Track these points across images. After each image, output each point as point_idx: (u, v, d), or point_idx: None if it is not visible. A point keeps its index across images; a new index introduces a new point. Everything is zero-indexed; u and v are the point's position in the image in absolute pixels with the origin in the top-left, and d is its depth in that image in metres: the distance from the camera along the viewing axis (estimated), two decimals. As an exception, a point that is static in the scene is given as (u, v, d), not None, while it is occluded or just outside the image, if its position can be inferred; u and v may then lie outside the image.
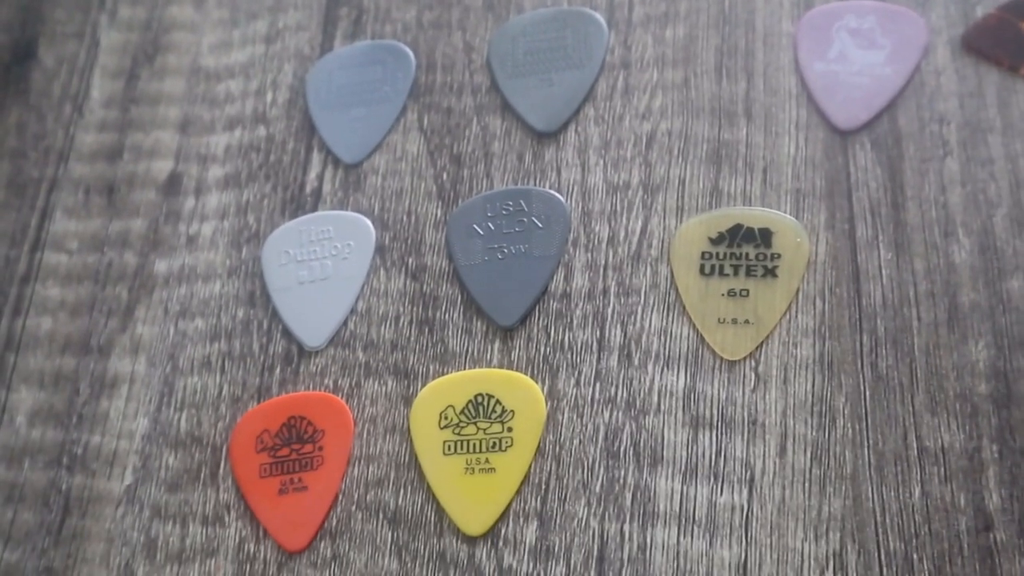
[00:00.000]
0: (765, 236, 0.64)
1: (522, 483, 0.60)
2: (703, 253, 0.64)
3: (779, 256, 0.63)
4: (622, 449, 0.61)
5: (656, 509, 0.59)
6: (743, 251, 0.63)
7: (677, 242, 0.65)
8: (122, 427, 0.67)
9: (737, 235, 0.64)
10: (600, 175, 0.68)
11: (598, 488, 0.60)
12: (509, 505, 0.60)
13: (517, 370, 0.63)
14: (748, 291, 0.62)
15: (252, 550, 0.62)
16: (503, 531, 0.60)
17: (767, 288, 0.63)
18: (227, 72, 0.77)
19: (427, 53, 0.74)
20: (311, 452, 0.63)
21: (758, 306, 0.62)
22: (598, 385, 0.62)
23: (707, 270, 0.63)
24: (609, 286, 0.65)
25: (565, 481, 0.60)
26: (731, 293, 0.63)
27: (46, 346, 0.70)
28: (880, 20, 0.69)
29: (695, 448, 0.60)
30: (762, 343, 0.62)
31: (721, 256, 0.63)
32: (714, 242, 0.64)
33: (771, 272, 0.63)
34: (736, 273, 0.63)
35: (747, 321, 0.62)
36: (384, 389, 0.65)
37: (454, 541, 0.60)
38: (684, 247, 0.64)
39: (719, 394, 0.61)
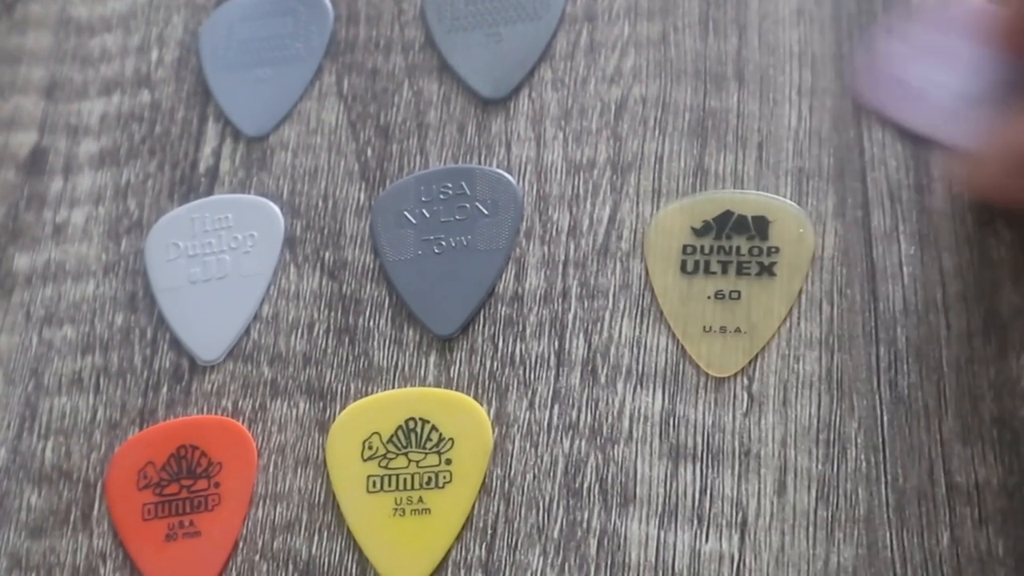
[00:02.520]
0: (760, 226, 0.63)
1: (463, 527, 0.60)
2: (685, 247, 0.63)
3: (777, 250, 0.62)
4: (586, 485, 0.60)
5: (627, 559, 0.58)
6: (734, 244, 0.63)
7: (653, 233, 0.64)
8: (-28, 459, 0.67)
9: (726, 224, 0.63)
10: (559, 151, 0.67)
11: (556, 533, 0.59)
12: (447, 554, 0.60)
13: (457, 389, 0.63)
14: (740, 293, 0.62)
15: (133, 609, 0.62)
16: (440, 586, 0.60)
17: (763, 289, 0.62)
18: (103, 24, 0.76)
19: (348, 1, 0.74)
20: (205, 489, 0.62)
21: (752, 311, 0.62)
22: (556, 407, 0.62)
23: (690, 267, 0.63)
24: (570, 286, 0.64)
25: (516, 525, 0.60)
26: (719, 295, 0.62)
27: None
28: (900, -41, 0.68)
29: (675, 485, 0.59)
30: (756, 357, 0.61)
31: (707, 250, 0.63)
32: (698, 233, 0.63)
33: (768, 270, 0.62)
34: (725, 271, 0.62)
35: (738, 330, 0.61)
36: (295, 412, 0.64)
37: (380, 599, 0.60)
38: (661, 239, 0.64)
39: (704, 419, 0.61)
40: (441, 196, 0.66)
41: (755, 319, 0.61)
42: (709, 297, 0.62)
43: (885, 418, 0.59)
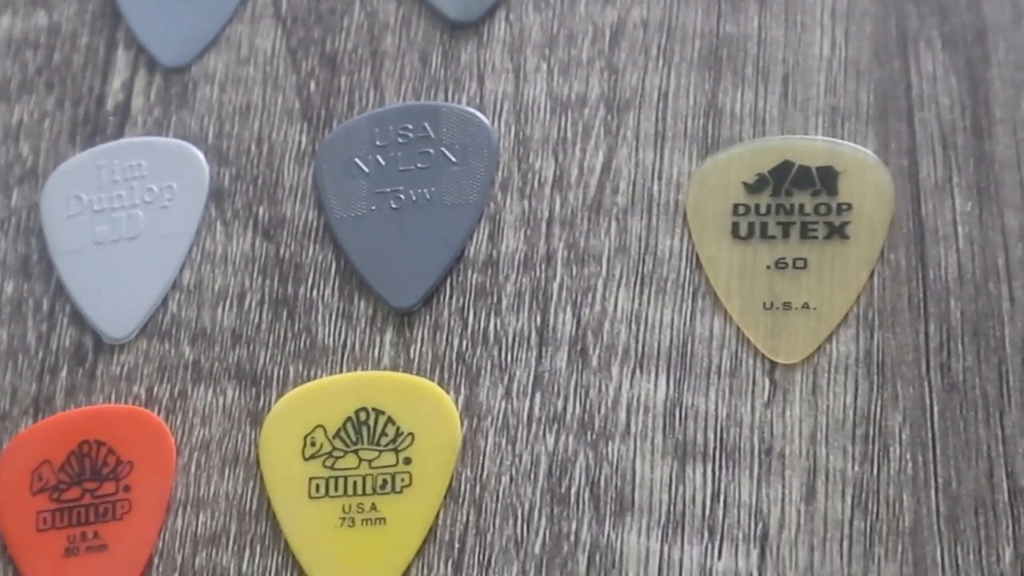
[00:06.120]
0: (827, 178, 0.64)
1: (426, 540, 0.60)
2: (736, 207, 0.64)
3: (849, 207, 0.63)
4: (574, 490, 0.60)
5: (624, 579, 0.59)
6: (795, 201, 0.63)
7: (696, 190, 0.65)
8: None
9: (786, 178, 0.64)
10: (542, 85, 0.68)
11: (537, 548, 0.59)
12: (407, 572, 0.59)
13: (419, 373, 0.63)
14: (806, 260, 0.63)
15: (26, 638, 0.63)
16: (397, 610, 0.60)
17: (835, 255, 0.62)
18: (-11, -69, 0.75)
19: (285, -98, 0.74)
20: (113, 494, 0.62)
21: (823, 282, 0.62)
22: (538, 396, 0.62)
23: (743, 231, 0.64)
24: (555, 249, 0.64)
25: (489, 537, 0.60)
26: (780, 264, 0.63)
27: None
28: None
29: (681, 489, 0.59)
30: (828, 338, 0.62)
31: (763, 210, 0.64)
32: (751, 189, 0.64)
33: (839, 231, 0.63)
34: (786, 234, 0.63)
35: (806, 305, 0.62)
36: (222, 401, 0.64)
37: (324, 626, 0.61)
38: (707, 198, 0.64)
39: (717, 410, 0.61)
40: (399, 140, 0.66)
41: (826, 291, 0.62)
42: (768, 267, 0.63)
43: (935, 409, 0.59)
